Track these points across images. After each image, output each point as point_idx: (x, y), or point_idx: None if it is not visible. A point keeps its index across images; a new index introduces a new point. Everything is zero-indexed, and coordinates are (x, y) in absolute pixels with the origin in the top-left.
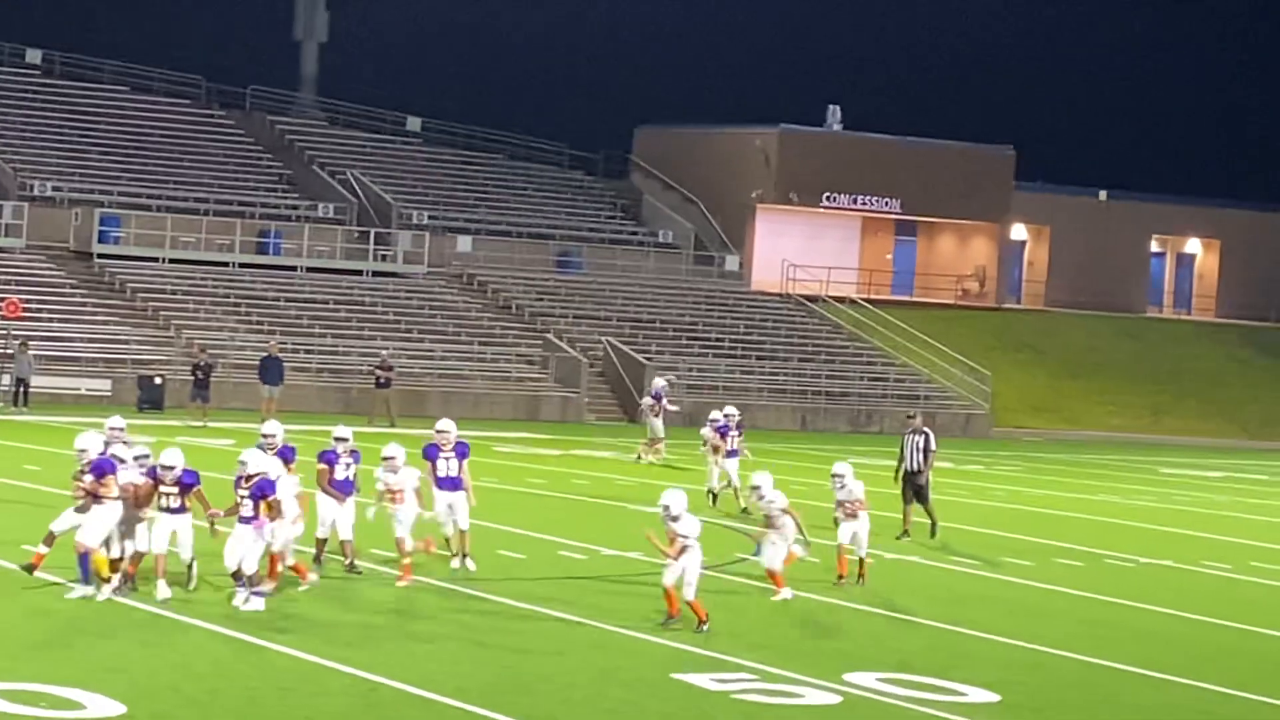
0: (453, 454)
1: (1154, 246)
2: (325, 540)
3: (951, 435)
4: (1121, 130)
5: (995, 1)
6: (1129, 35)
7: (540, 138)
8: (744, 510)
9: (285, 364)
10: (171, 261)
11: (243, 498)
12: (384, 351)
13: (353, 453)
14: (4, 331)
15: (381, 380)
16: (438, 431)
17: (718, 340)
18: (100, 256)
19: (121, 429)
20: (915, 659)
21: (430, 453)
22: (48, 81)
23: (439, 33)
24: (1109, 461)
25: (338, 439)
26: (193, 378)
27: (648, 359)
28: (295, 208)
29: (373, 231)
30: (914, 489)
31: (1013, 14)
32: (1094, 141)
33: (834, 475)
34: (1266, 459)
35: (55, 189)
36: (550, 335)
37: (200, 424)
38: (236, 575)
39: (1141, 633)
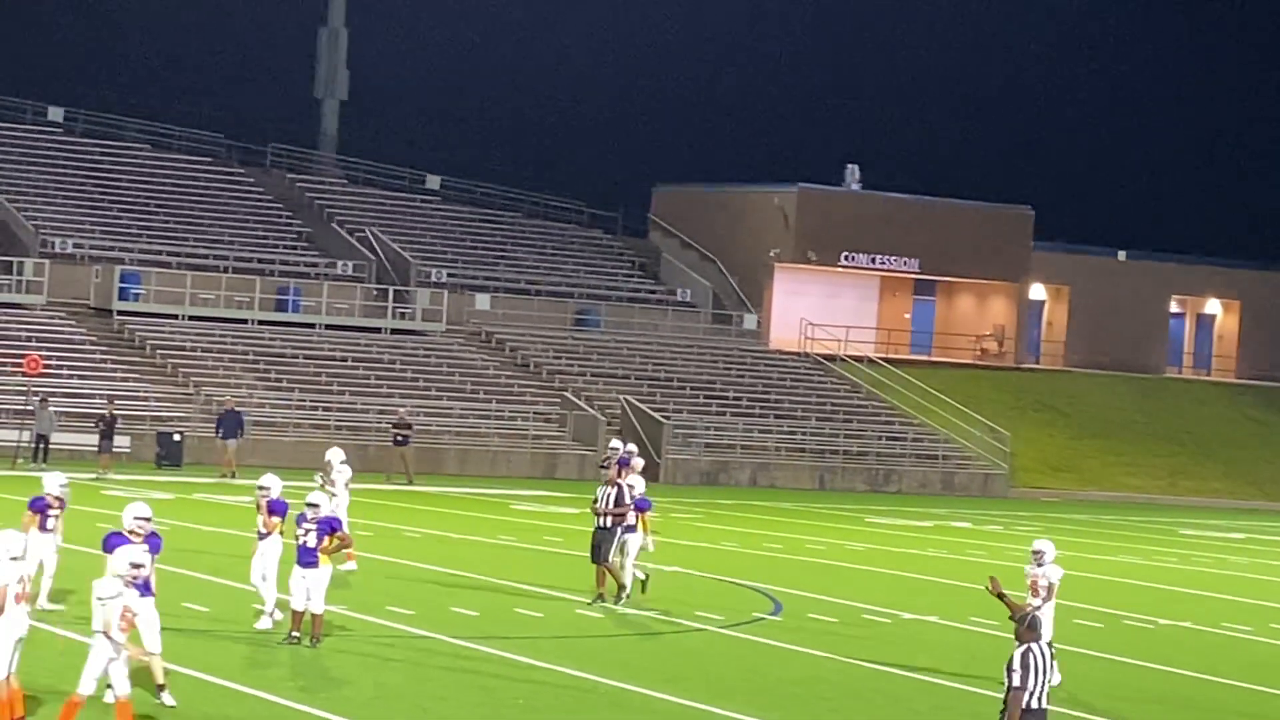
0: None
1: (1173, 307)
2: (301, 613)
3: (970, 495)
4: (1140, 190)
5: (1013, 62)
6: (1148, 95)
7: (559, 196)
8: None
9: (301, 420)
10: (191, 318)
11: None
12: (402, 409)
13: (321, 520)
14: (25, 388)
15: (399, 438)
16: (309, 504)
17: (735, 399)
18: (120, 313)
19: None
20: (931, 719)
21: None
22: (69, 139)
23: (458, 91)
24: (1128, 522)
25: (310, 504)
26: (98, 430)
27: (665, 417)
28: (314, 265)
29: (391, 289)
30: (593, 545)
31: (1031, 75)
32: (1113, 201)
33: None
34: None
35: (76, 246)
36: (568, 393)
37: (102, 474)
38: None
39: (1160, 695)
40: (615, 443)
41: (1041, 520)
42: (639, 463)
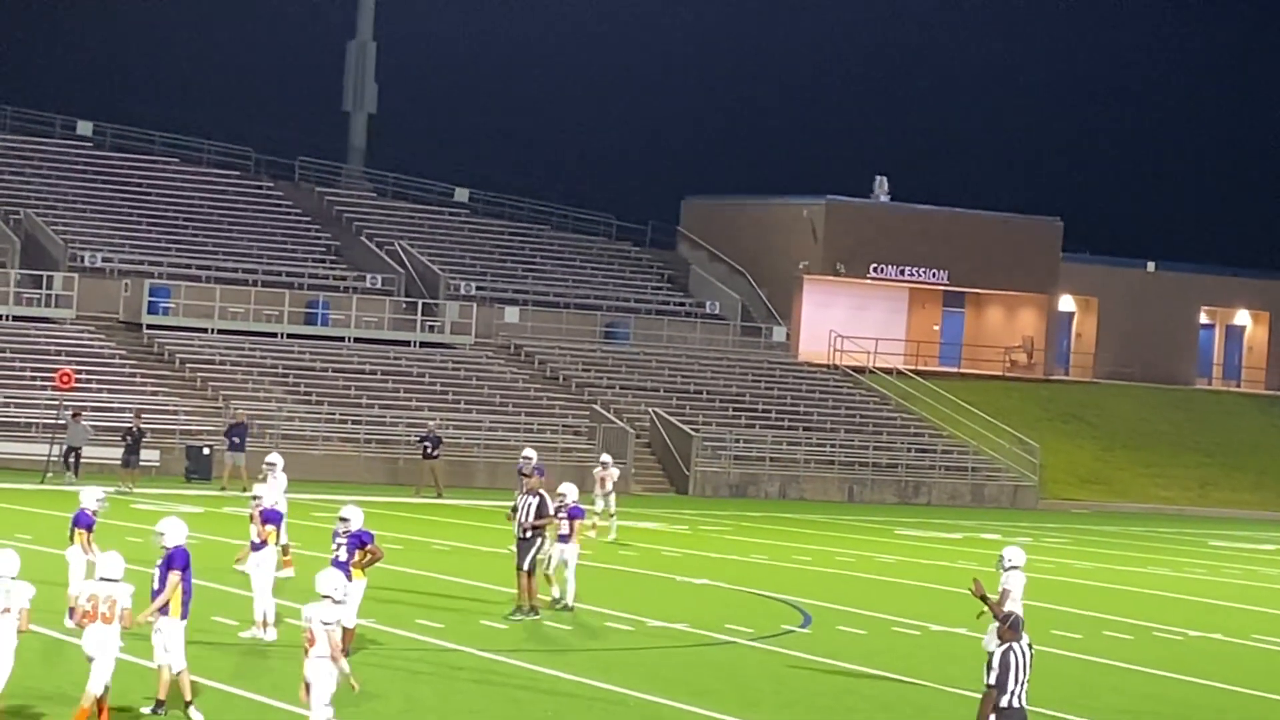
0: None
1: (1203, 318)
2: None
3: (999, 507)
4: (1169, 201)
5: (1042, 73)
6: (1177, 105)
7: (587, 209)
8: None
9: (330, 434)
10: (220, 332)
11: None
12: (431, 422)
13: (352, 535)
14: (56, 402)
15: (429, 451)
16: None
17: (764, 411)
18: (149, 327)
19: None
20: None
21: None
22: (98, 153)
23: (487, 105)
24: (1158, 534)
25: (342, 519)
26: (123, 443)
27: (694, 430)
28: (343, 278)
29: (420, 302)
30: (519, 554)
31: (1060, 86)
32: (1142, 212)
33: None
34: None
35: (105, 260)
36: (597, 406)
37: (128, 489)
38: None
39: (1190, 706)
40: (529, 451)
41: (1070, 532)
42: (614, 472)
